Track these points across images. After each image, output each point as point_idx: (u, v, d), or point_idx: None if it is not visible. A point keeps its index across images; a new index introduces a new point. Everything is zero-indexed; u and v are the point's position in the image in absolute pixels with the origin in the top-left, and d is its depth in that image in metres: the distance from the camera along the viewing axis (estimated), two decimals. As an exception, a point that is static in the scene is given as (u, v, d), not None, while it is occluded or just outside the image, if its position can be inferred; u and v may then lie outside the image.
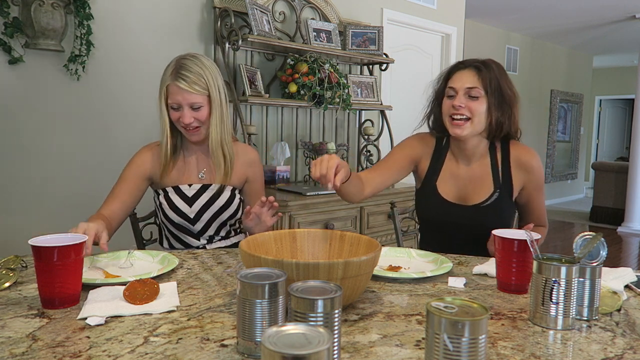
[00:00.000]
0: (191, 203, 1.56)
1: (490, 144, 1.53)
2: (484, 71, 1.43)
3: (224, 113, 1.52)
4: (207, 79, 1.47)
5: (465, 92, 1.43)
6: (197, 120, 1.49)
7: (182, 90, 1.44)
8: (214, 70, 1.50)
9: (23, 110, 2.27)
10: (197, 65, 1.47)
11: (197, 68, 1.46)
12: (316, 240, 1.14)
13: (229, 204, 1.58)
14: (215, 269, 1.23)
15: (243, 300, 0.74)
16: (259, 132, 3.01)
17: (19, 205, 2.29)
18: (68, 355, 0.74)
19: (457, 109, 1.43)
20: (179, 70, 1.45)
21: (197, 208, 1.55)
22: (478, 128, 1.46)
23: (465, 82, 1.43)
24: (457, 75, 1.46)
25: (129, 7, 2.53)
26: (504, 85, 1.44)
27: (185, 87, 1.44)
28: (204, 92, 1.47)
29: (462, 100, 1.43)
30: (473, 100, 1.43)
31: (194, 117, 1.48)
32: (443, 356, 0.62)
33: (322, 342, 0.50)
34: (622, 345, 0.81)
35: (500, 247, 1.08)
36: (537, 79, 7.60)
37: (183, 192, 1.56)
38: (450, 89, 1.47)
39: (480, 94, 1.43)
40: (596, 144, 10.83)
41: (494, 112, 1.44)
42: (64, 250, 0.92)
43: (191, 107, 1.47)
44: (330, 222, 2.67)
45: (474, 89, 1.43)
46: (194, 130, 1.50)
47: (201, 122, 1.50)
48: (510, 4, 5.59)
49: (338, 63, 3.22)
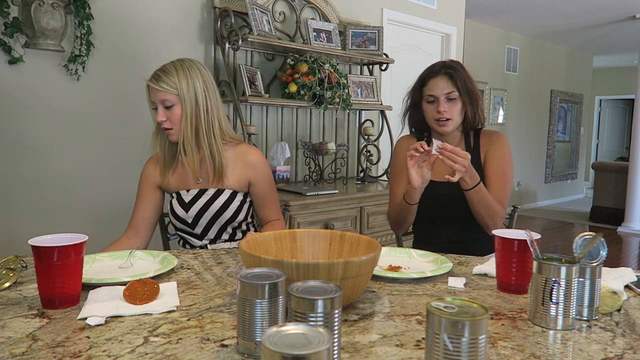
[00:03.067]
0: (188, 208, 1.58)
1: (465, 135, 1.74)
2: (454, 75, 1.63)
3: (200, 114, 1.52)
4: (178, 78, 1.49)
5: (445, 97, 1.63)
6: (169, 120, 1.51)
7: (152, 89, 1.50)
8: (194, 72, 1.52)
9: (23, 110, 2.27)
10: (174, 65, 1.52)
11: (171, 68, 1.51)
12: (316, 240, 1.14)
13: (226, 207, 1.58)
14: (215, 269, 1.23)
15: (243, 300, 0.74)
16: (259, 132, 3.01)
17: (19, 205, 2.29)
18: (68, 355, 0.74)
19: (442, 113, 1.63)
20: (156, 70, 1.53)
21: (193, 213, 1.57)
22: (458, 123, 1.68)
23: (444, 89, 1.63)
24: (433, 83, 1.65)
25: (129, 7, 2.53)
26: (469, 83, 1.65)
27: (153, 85, 1.49)
28: (172, 91, 1.49)
29: (444, 106, 1.63)
30: (452, 103, 1.64)
31: (167, 117, 1.51)
32: (443, 356, 0.62)
33: (322, 342, 0.50)
34: (622, 345, 0.81)
35: (500, 247, 1.08)
36: (537, 79, 7.60)
37: (182, 197, 1.60)
38: (429, 96, 1.65)
39: (456, 96, 1.63)
40: (596, 144, 10.84)
41: (468, 108, 1.65)
42: (64, 250, 0.92)
43: (164, 106, 1.51)
44: (330, 222, 2.67)
45: (451, 92, 1.63)
46: (167, 130, 1.53)
47: (173, 123, 1.52)
48: (510, 4, 5.59)
49: (338, 63, 3.22)
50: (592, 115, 10.31)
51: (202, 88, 1.53)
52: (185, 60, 1.54)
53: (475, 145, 1.72)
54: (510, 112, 7.03)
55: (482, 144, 1.71)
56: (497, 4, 5.60)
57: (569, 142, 8.60)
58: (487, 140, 1.71)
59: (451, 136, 1.72)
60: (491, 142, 1.70)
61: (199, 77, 1.52)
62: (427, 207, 1.66)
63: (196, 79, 1.52)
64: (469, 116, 1.67)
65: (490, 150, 1.68)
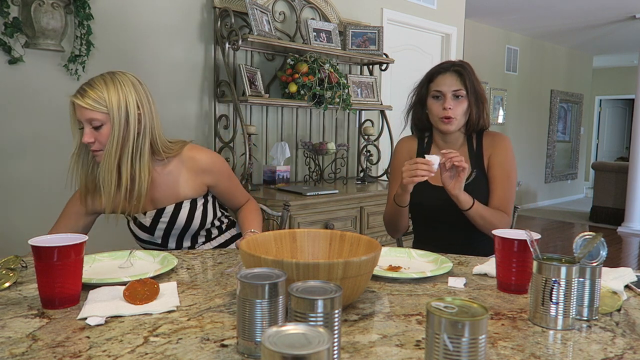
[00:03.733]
0: (152, 231, 1.52)
1: (468, 137, 1.71)
2: (463, 73, 1.61)
3: (129, 136, 1.37)
4: (108, 94, 1.34)
5: (452, 94, 1.61)
6: (97, 141, 1.36)
7: (78, 106, 1.35)
8: (126, 86, 1.38)
9: (23, 110, 2.27)
10: (103, 79, 1.37)
11: (100, 82, 1.36)
12: (316, 240, 1.14)
13: (192, 218, 1.52)
14: (215, 269, 1.23)
15: (243, 300, 0.74)
16: (259, 132, 3.01)
17: (19, 205, 2.29)
18: (68, 355, 0.74)
19: (447, 110, 1.60)
20: (82, 85, 1.38)
21: (160, 234, 1.53)
22: (461, 123, 1.65)
23: (452, 86, 1.61)
24: (441, 79, 1.63)
25: (129, 7, 2.53)
26: (477, 85, 1.64)
27: (79, 102, 1.33)
28: (101, 109, 1.34)
29: (450, 103, 1.61)
30: (458, 101, 1.62)
31: (95, 138, 1.36)
32: (443, 356, 0.62)
33: (322, 342, 0.50)
34: (622, 345, 0.81)
35: (500, 247, 1.08)
36: (537, 79, 7.60)
37: (141, 222, 1.52)
38: (436, 92, 1.63)
39: (463, 95, 1.61)
40: (596, 144, 10.84)
41: (473, 109, 1.63)
42: (64, 250, 0.92)
43: (92, 126, 1.35)
44: (330, 222, 2.67)
45: (459, 90, 1.61)
46: (95, 152, 1.39)
47: (102, 144, 1.37)
48: (510, 4, 5.59)
49: (338, 63, 3.22)
50: (592, 115, 10.31)
51: (135, 104, 1.38)
52: (116, 74, 1.40)
53: (479, 147, 1.69)
54: (510, 112, 7.03)
55: (486, 146, 1.68)
56: (497, 4, 5.60)
57: (569, 142, 8.60)
58: (490, 142, 1.68)
59: (453, 137, 1.69)
60: (494, 144, 1.67)
61: (132, 92, 1.38)
62: (428, 211, 1.65)
63: (129, 93, 1.37)
64: (473, 118, 1.64)
65: (494, 154, 1.66)
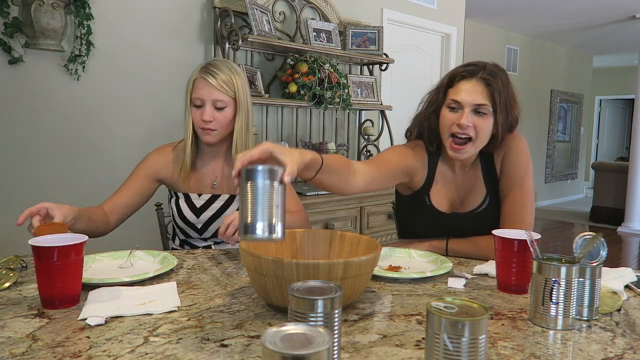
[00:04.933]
0: (199, 214, 1.54)
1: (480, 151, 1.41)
2: (493, 85, 1.27)
3: (249, 120, 1.49)
4: (235, 82, 1.44)
5: (473, 108, 1.28)
6: (217, 121, 1.44)
7: (208, 85, 1.42)
8: (243, 77, 1.48)
9: (23, 110, 2.27)
10: (227, 66, 1.45)
11: (227, 69, 1.45)
12: (316, 240, 1.14)
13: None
14: (215, 269, 1.23)
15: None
16: (259, 132, 3.01)
17: (19, 205, 2.28)
18: (68, 355, 0.74)
19: (464, 128, 1.27)
20: (208, 67, 1.44)
21: (204, 219, 1.54)
22: (479, 147, 1.32)
23: (475, 98, 1.27)
24: (463, 86, 1.29)
25: (129, 7, 2.53)
26: (510, 98, 1.30)
27: (212, 82, 1.41)
28: (230, 93, 1.44)
29: (469, 119, 1.27)
30: (480, 117, 1.28)
31: (215, 118, 1.43)
32: (443, 356, 0.62)
33: (322, 342, 0.50)
34: (622, 345, 0.81)
35: (500, 247, 1.08)
36: (537, 79, 7.60)
37: (192, 201, 1.54)
38: (453, 101, 1.30)
39: (488, 111, 1.27)
40: (596, 144, 10.83)
41: (500, 129, 1.30)
42: (64, 250, 0.92)
43: (214, 106, 1.43)
44: (330, 222, 2.67)
45: (483, 105, 1.27)
46: (209, 130, 1.45)
47: (220, 125, 1.45)
48: (510, 4, 5.59)
49: (338, 63, 3.22)
50: (592, 115, 10.30)
51: (250, 95, 1.50)
52: (230, 62, 1.49)
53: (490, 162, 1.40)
54: (510, 112, 7.01)
55: (496, 157, 1.41)
56: (497, 4, 5.60)
57: (569, 142, 8.60)
58: (499, 151, 1.39)
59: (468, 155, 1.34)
60: (507, 146, 1.38)
61: (246, 82, 1.48)
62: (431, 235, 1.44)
63: (247, 84, 1.48)
64: (498, 138, 1.32)
65: (506, 159, 1.38)
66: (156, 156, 1.57)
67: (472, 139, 1.29)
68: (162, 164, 1.55)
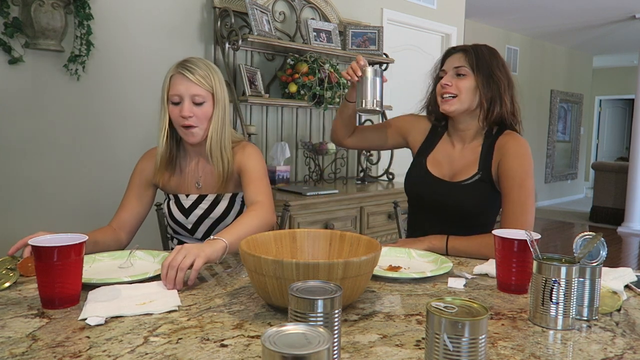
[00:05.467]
0: (188, 214, 1.54)
1: (487, 130, 1.54)
2: (470, 52, 1.51)
3: (226, 117, 1.48)
4: (212, 77, 1.44)
5: (453, 71, 1.50)
6: (196, 117, 1.42)
7: (185, 80, 1.40)
8: (219, 73, 1.48)
9: (23, 110, 2.27)
10: (204, 63, 1.46)
11: (204, 65, 1.45)
12: (316, 240, 1.14)
13: (227, 213, 1.54)
14: (215, 269, 1.23)
15: None
16: (259, 132, 3.01)
17: (19, 205, 2.29)
18: (68, 355, 0.74)
19: (444, 87, 1.50)
20: (185, 63, 1.44)
21: (193, 219, 1.54)
22: (466, 105, 1.50)
23: (454, 63, 1.51)
24: (449, 59, 1.55)
25: (129, 7, 2.53)
26: (493, 65, 1.49)
27: (190, 77, 1.40)
28: (208, 88, 1.43)
29: (448, 79, 1.50)
30: (460, 79, 1.49)
31: (194, 113, 1.41)
32: (443, 356, 0.62)
33: (322, 342, 0.50)
34: (622, 345, 0.81)
35: (500, 247, 1.08)
36: (537, 79, 7.60)
37: (181, 202, 1.55)
38: (442, 72, 1.55)
39: (467, 72, 1.49)
40: (596, 144, 10.83)
41: (482, 90, 1.48)
42: (64, 250, 0.92)
43: (192, 101, 1.42)
44: (330, 222, 2.67)
45: (460, 67, 1.49)
46: (190, 127, 1.43)
47: (200, 121, 1.43)
48: (510, 4, 5.59)
49: (338, 63, 3.22)
50: (592, 115, 10.30)
51: (227, 91, 1.50)
52: (207, 60, 1.49)
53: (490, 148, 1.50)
54: (510, 112, 7.02)
55: (497, 148, 1.49)
56: (497, 4, 5.60)
57: (569, 142, 8.60)
58: (502, 145, 1.48)
59: (465, 125, 1.54)
60: (506, 149, 1.46)
61: (223, 80, 1.49)
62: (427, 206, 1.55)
63: (223, 80, 1.48)
64: (484, 102, 1.48)
65: (505, 160, 1.45)
66: (144, 162, 1.56)
67: (457, 95, 1.50)
68: (151, 168, 1.54)
